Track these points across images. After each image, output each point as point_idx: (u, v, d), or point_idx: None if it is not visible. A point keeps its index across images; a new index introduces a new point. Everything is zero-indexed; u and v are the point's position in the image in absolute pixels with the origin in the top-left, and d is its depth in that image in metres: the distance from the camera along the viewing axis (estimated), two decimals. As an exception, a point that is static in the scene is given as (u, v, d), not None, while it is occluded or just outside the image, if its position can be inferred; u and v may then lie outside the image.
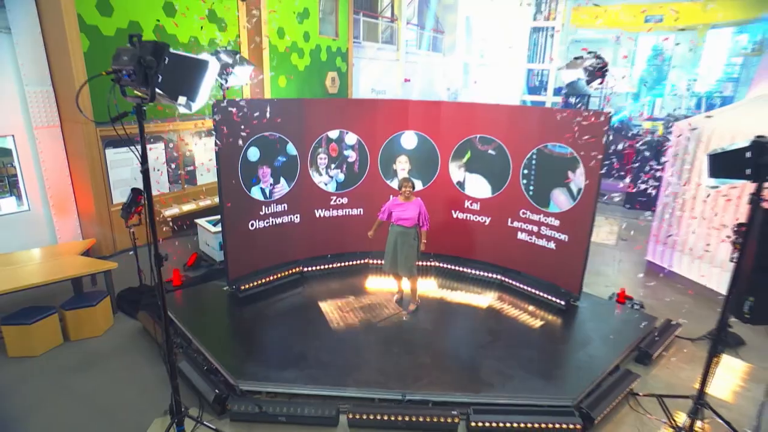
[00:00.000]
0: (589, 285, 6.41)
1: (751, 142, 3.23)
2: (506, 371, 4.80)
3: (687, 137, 7.02)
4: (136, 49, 2.84)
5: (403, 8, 16.25)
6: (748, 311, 3.59)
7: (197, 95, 3.05)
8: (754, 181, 3.27)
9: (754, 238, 3.44)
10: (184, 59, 3.00)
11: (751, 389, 4.42)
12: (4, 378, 4.71)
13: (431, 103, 7.49)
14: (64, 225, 7.24)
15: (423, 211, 5.61)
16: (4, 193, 6.80)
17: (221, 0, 8.77)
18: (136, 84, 2.86)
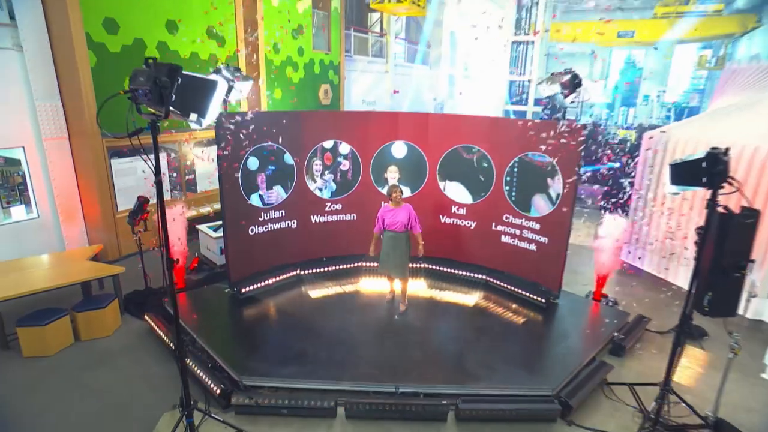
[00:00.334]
0: (568, 284, 6.56)
1: (706, 154, 3.46)
2: (491, 364, 4.94)
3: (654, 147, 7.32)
4: (151, 70, 2.99)
5: (391, 24, 16.49)
6: (707, 305, 3.77)
7: (207, 112, 3.20)
8: (709, 188, 3.49)
9: (711, 240, 3.66)
10: (195, 80, 3.15)
11: (712, 376, 4.62)
12: (21, 376, 4.77)
13: (419, 114, 7.68)
14: (70, 231, 7.27)
15: (412, 215, 5.74)
16: (15, 201, 6.83)
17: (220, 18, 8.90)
18: (152, 102, 3.01)
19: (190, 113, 3.13)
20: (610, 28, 28.36)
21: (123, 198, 7.56)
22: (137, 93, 3.00)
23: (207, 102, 3.17)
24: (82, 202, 7.31)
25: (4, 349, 5.14)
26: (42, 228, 7.02)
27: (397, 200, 5.70)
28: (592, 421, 4.28)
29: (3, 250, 6.49)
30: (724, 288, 3.72)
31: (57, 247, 7.16)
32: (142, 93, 2.99)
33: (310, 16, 11.50)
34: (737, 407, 4.39)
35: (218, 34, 8.91)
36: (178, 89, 3.03)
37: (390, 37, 16.48)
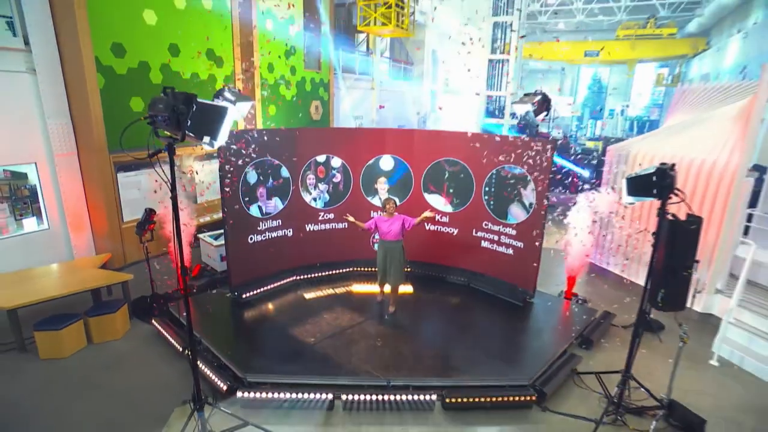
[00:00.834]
0: (542, 284, 6.80)
1: (655, 169, 3.79)
2: (474, 358, 5.15)
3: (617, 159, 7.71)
4: (169, 98, 3.18)
5: (377, 43, 16.79)
6: (661, 301, 4.05)
7: (218, 135, 3.38)
8: (658, 198, 3.81)
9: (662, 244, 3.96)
10: (208, 107, 3.34)
11: (667, 363, 4.87)
12: (39, 377, 4.85)
13: (405, 131, 7.93)
14: (79, 241, 7.31)
15: (406, 220, 5.82)
16: (27, 213, 6.86)
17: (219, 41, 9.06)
18: (170, 127, 3.20)
19: (203, 136, 3.32)
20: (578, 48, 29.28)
21: (128, 209, 7.63)
22: (157, 119, 3.18)
23: (219, 126, 3.35)
24: (89, 213, 7.35)
25: (22, 351, 5.19)
26: (52, 238, 7.06)
27: (390, 211, 5.82)
28: (564, 406, 4.54)
29: (16, 259, 6.52)
30: (674, 286, 4.02)
31: (66, 256, 7.19)
32: (161, 119, 3.17)
33: (302, 37, 11.72)
34: (688, 390, 4.69)
35: (217, 56, 9.06)
36: (193, 115, 3.22)
37: (376, 56, 16.76)
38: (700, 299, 6.41)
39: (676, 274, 3.97)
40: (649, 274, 4.10)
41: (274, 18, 10.56)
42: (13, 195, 6.80)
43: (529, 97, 6.52)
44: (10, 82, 6.30)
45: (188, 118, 3.19)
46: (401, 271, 5.95)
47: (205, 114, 3.31)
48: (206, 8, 8.67)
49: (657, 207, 3.89)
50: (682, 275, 3.97)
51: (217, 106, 3.39)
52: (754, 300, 5.93)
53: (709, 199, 6.28)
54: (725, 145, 6.30)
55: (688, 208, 3.87)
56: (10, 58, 6.25)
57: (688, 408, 4.28)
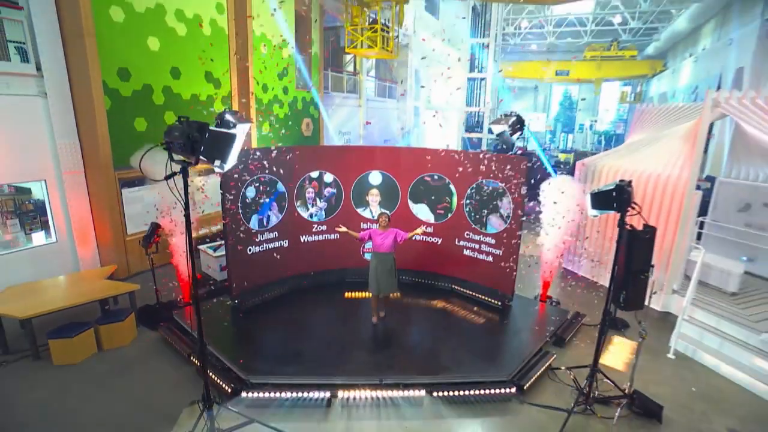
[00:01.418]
0: (519, 288, 7.06)
1: (615, 185, 4.11)
2: (458, 357, 5.35)
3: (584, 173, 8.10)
4: (184, 127, 3.38)
5: (363, 63, 17.13)
6: (622, 301, 4.35)
7: (228, 159, 3.58)
8: (618, 212, 4.13)
9: (622, 251, 4.27)
10: (219, 134, 3.54)
11: (630, 357, 5.21)
12: (54, 382, 4.90)
13: (392, 148, 8.18)
14: (84, 253, 7.34)
15: (399, 234, 5.91)
16: (37, 228, 6.89)
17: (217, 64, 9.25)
18: (185, 152, 3.39)
19: (215, 160, 3.51)
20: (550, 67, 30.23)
21: (132, 222, 7.70)
22: (173, 144, 3.37)
23: (228, 151, 3.55)
24: (95, 227, 7.40)
25: (36, 359, 5.24)
26: (60, 251, 7.09)
27: (383, 224, 5.92)
28: (540, 399, 4.79)
29: (26, 271, 6.55)
30: (634, 287, 4.32)
31: (72, 268, 7.21)
32: (177, 145, 3.36)
33: (293, 60, 11.97)
34: (649, 381, 5.01)
35: (215, 77, 9.23)
36: (205, 141, 3.42)
37: (362, 76, 17.09)
38: (659, 299, 6.79)
39: (635, 278, 4.29)
40: (612, 278, 4.41)
41: (269, 42, 10.80)
42: (18, 209, 6.83)
43: (504, 118, 6.86)
44: (23, 105, 6.39)
45: (201, 144, 3.39)
46: (393, 281, 6.04)
47: (217, 140, 3.51)
48: (205, 34, 8.86)
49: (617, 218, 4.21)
50: (640, 278, 4.30)
51: (227, 133, 3.59)
52: (705, 299, 6.32)
53: (665, 209, 6.69)
54: (677, 161, 6.73)
55: (644, 220, 4.19)
56: (24, 83, 6.35)
57: (648, 397, 4.58)
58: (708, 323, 5.88)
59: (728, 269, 6.62)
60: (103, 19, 6.86)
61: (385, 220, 5.93)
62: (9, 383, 4.87)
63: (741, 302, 6.33)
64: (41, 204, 7.01)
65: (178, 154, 3.43)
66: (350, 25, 13.42)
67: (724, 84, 15.71)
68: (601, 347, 4.55)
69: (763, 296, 6.56)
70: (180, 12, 8.19)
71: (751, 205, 7.48)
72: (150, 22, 7.65)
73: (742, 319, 5.79)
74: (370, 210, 7.53)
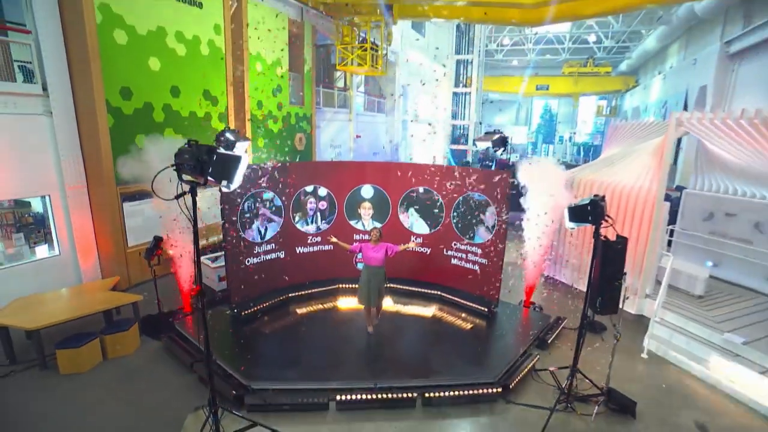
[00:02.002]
0: (504, 295, 7.26)
1: (589, 200, 4.38)
2: (447, 361, 5.52)
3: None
4: (194, 150, 3.55)
5: (353, 79, 17.43)
6: (599, 306, 4.60)
7: (234, 179, 3.74)
8: (593, 224, 4.39)
9: (598, 259, 4.53)
10: (226, 156, 3.70)
11: (607, 357, 5.31)
12: (62, 390, 4.96)
13: (383, 163, 8.39)
14: (86, 265, 7.37)
15: (389, 247, 6.04)
16: (41, 241, 6.92)
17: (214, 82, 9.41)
18: (194, 173, 3.56)
19: (222, 180, 3.68)
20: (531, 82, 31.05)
21: (132, 235, 7.76)
22: (183, 166, 3.54)
23: (234, 172, 3.71)
24: (97, 239, 7.44)
25: (43, 368, 5.27)
26: (62, 264, 7.12)
27: (375, 238, 6.04)
28: (524, 398, 4.99)
29: (30, 283, 6.56)
30: (608, 293, 4.58)
31: (74, 280, 7.23)
32: (187, 166, 3.53)
33: (287, 77, 12.18)
34: (624, 379, 5.25)
35: (213, 95, 9.39)
36: (213, 163, 3.59)
37: (352, 91, 17.37)
38: (633, 303, 7.10)
39: (609, 284, 4.55)
40: (588, 285, 4.66)
41: (263, 61, 11.00)
42: (18, 222, 6.85)
43: (488, 135, 7.17)
44: (29, 123, 6.48)
45: (210, 165, 3.56)
46: (383, 293, 6.17)
47: (224, 162, 3.67)
48: (203, 54, 9.03)
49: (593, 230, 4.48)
50: (614, 285, 4.56)
51: (233, 156, 3.75)
52: (674, 302, 6.65)
53: (637, 219, 7.03)
54: (647, 174, 7.09)
55: (615, 231, 4.47)
56: (30, 103, 6.45)
57: (623, 394, 4.82)
58: (677, 324, 6.18)
59: (695, 274, 6.97)
60: (107, 42, 7.00)
61: (376, 235, 6.03)
62: (18, 392, 4.90)
63: (706, 304, 6.67)
64: (41, 217, 7.04)
65: (188, 174, 3.59)
66: (341, 43, 13.73)
67: (690, 100, 16.40)
68: (580, 349, 4.78)
69: (726, 298, 6.92)
70: (180, 33, 8.36)
71: (714, 214, 7.88)
72: (151, 44, 7.80)
73: (707, 320, 6.11)
74: (362, 223, 7.72)
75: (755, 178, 7.06)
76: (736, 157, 6.72)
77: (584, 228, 7.55)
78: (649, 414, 4.76)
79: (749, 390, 5.01)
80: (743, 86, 12.92)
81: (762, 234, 7.20)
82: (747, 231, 7.40)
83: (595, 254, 4.55)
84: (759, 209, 7.23)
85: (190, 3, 8.54)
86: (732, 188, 7.69)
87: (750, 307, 6.62)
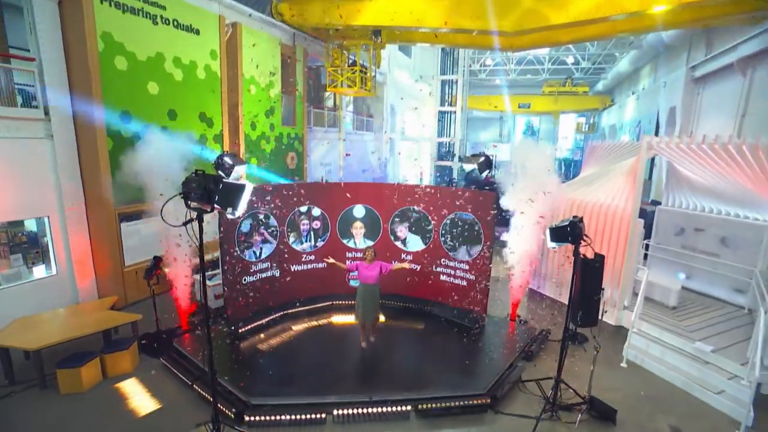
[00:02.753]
0: (491, 308, 7.48)
1: (569, 222, 4.68)
2: (439, 373, 5.69)
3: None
4: (201, 179, 3.75)
5: (342, 99, 17.79)
6: (579, 320, 4.87)
7: (238, 206, 3.93)
8: (572, 244, 4.69)
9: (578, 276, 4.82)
10: (231, 185, 3.90)
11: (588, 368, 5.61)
12: (63, 410, 4.98)
13: (374, 184, 8.64)
14: (83, 285, 7.39)
15: (383, 266, 6.25)
16: (39, 261, 6.93)
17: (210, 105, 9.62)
18: (201, 201, 3.75)
19: (227, 208, 3.87)
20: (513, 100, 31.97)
21: (129, 254, 7.81)
22: (190, 194, 3.72)
23: (239, 200, 3.91)
24: (94, 259, 7.48)
25: (42, 388, 5.27)
26: (60, 283, 7.14)
27: (369, 258, 6.26)
28: (512, 408, 5.20)
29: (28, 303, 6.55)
30: (588, 307, 4.87)
31: (72, 299, 7.24)
32: (195, 195, 3.72)
33: (279, 99, 12.44)
34: (605, 387, 5.50)
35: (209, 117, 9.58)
36: (219, 192, 3.78)
37: (341, 111, 17.72)
38: (612, 314, 7.42)
39: (589, 299, 4.84)
40: (570, 299, 4.94)
41: (257, 84, 11.26)
42: (11, 241, 6.86)
43: (474, 157, 7.50)
44: (31, 147, 6.59)
45: (216, 194, 3.75)
46: (378, 310, 6.35)
47: (229, 190, 3.87)
48: (200, 78, 9.24)
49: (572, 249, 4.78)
50: (593, 300, 4.85)
51: (238, 185, 3.96)
52: (651, 313, 6.99)
53: (614, 236, 7.40)
54: (622, 193, 7.51)
55: (593, 250, 4.77)
56: (32, 127, 6.57)
57: (604, 402, 5.07)
58: (653, 334, 6.50)
59: (668, 286, 7.34)
60: (108, 68, 7.18)
61: (371, 254, 6.25)
62: (19, 412, 4.91)
63: (679, 315, 7.03)
64: (34, 235, 7.05)
65: (195, 202, 3.78)
66: (331, 66, 14.09)
67: (661, 120, 17.19)
68: (563, 360, 5.02)
69: (697, 309, 7.29)
70: (177, 59, 8.58)
71: (684, 229, 8.33)
72: (150, 69, 8.00)
73: (680, 330, 6.45)
74: (354, 241, 7.91)
75: (718, 196, 7.52)
76: (701, 177, 7.18)
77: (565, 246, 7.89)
78: (629, 421, 5.01)
79: (719, 395, 5.32)
80: (708, 109, 13.67)
81: (727, 248, 7.64)
82: (714, 245, 7.84)
83: (575, 272, 4.84)
84: (724, 225, 7.68)
85: (188, 30, 8.79)
86: (700, 205, 8.16)
87: (718, 316, 7.00)
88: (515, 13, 9.65)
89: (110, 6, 7.20)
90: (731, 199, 7.27)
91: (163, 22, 8.23)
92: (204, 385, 5.31)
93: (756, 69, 10.77)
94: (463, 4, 10.07)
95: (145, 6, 7.83)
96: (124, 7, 7.46)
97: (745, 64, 11.01)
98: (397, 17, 10.66)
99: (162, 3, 8.16)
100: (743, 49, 10.85)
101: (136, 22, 7.70)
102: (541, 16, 9.40)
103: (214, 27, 9.48)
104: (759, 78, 10.68)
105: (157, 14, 8.10)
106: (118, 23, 7.34)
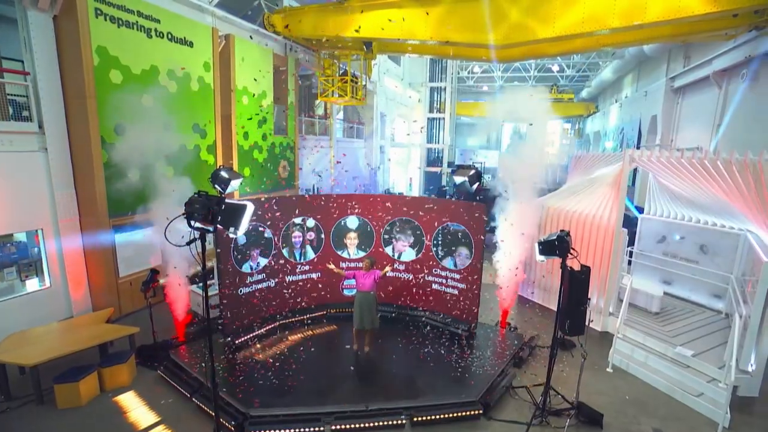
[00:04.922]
0: (482, 316, 7.64)
1: (556, 236, 4.89)
2: (432, 382, 5.83)
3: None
4: (204, 200, 3.85)
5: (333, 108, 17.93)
6: (567, 328, 5.07)
7: (240, 226, 4.03)
8: (560, 257, 4.90)
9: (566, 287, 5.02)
10: (234, 206, 4.00)
11: (576, 372, 5.77)
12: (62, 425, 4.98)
13: (367, 195, 8.76)
14: (77, 297, 7.36)
15: (376, 273, 6.41)
16: (32, 274, 6.90)
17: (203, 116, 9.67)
18: (204, 221, 3.84)
19: (229, 227, 3.97)
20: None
21: (124, 265, 7.80)
22: (194, 215, 3.82)
23: (240, 220, 4.00)
24: (88, 270, 7.46)
25: (39, 403, 5.26)
26: (53, 296, 7.10)
27: (366, 267, 6.44)
28: (503, 414, 5.37)
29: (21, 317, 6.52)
30: (575, 317, 5.07)
31: (65, 312, 7.21)
32: (198, 215, 3.81)
33: (272, 109, 12.52)
34: (592, 392, 5.74)
35: (202, 128, 9.62)
36: (222, 212, 3.88)
37: (332, 120, 17.84)
38: (599, 321, 7.67)
39: (576, 309, 5.04)
40: (558, 308, 5.14)
41: (250, 95, 11.33)
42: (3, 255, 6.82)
43: (464, 170, 7.67)
44: (25, 160, 6.58)
45: (219, 214, 3.86)
46: (375, 317, 6.47)
47: (231, 211, 3.97)
48: (193, 89, 9.29)
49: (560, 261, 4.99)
50: (580, 309, 5.06)
51: (241, 205, 4.06)
52: (635, 319, 7.26)
53: (600, 244, 7.67)
54: (607, 204, 7.79)
55: (579, 263, 4.99)
56: (27, 140, 6.57)
57: (591, 407, 5.29)
58: (637, 340, 6.76)
59: (651, 293, 7.63)
60: (103, 81, 7.21)
61: (368, 263, 6.44)
62: (16, 428, 4.90)
63: (662, 320, 7.32)
64: (24, 246, 7.01)
65: (199, 222, 3.87)
66: (322, 75, 14.22)
67: (643, 127, 17.73)
68: (552, 367, 5.22)
69: (679, 314, 7.60)
70: (171, 72, 8.62)
71: (666, 237, 8.66)
72: (145, 82, 8.03)
73: (662, 335, 6.73)
74: (348, 252, 8.04)
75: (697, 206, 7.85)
76: (680, 189, 7.50)
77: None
78: (615, 424, 5.23)
79: (698, 398, 5.58)
80: (686, 118, 14.20)
81: (706, 255, 7.97)
82: (694, 252, 8.18)
83: (563, 283, 5.04)
84: (702, 233, 8.02)
85: (181, 42, 8.84)
86: (680, 214, 8.50)
87: (698, 321, 7.31)
88: (503, 27, 9.93)
89: (105, 20, 7.24)
90: (708, 209, 7.60)
91: (158, 35, 8.28)
92: (203, 397, 5.38)
93: (730, 82, 11.26)
94: (452, 18, 10.32)
95: (139, 20, 7.87)
96: (119, 22, 7.50)
97: (720, 77, 11.51)
98: (387, 30, 10.87)
99: (156, 16, 8.21)
100: (717, 63, 11.35)
101: (131, 35, 7.74)
102: (528, 31, 9.69)
103: (208, 39, 9.54)
104: (732, 91, 11.17)
105: (152, 27, 8.15)
106: (113, 37, 7.37)
